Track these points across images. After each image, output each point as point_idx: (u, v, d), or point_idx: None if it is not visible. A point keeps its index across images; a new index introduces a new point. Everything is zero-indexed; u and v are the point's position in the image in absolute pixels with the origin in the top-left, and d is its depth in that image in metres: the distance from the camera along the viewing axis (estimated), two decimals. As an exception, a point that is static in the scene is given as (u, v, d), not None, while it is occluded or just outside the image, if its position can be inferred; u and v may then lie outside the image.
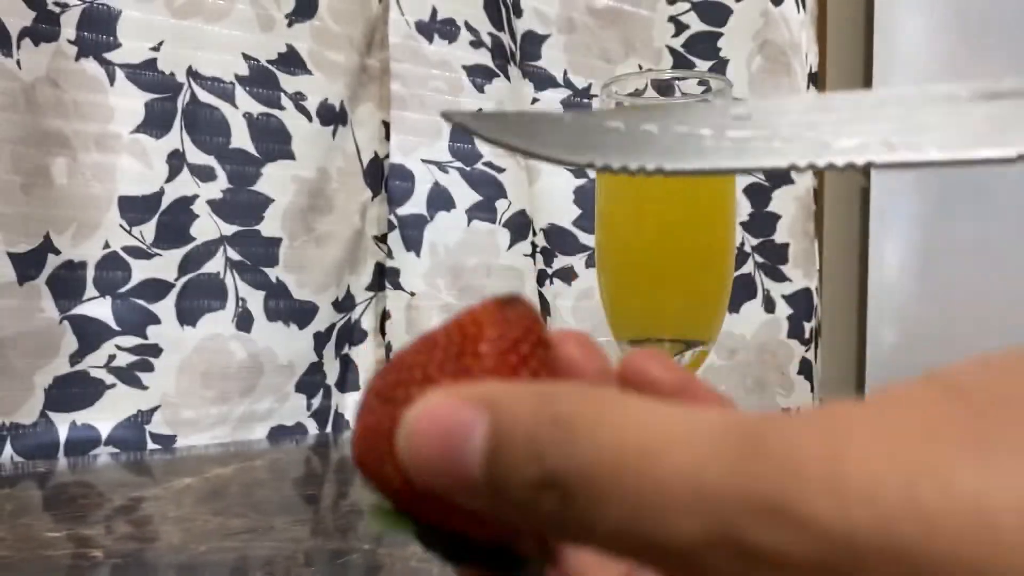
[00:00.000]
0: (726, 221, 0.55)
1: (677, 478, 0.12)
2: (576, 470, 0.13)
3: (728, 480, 0.12)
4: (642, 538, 0.12)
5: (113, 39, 0.77)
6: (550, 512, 0.13)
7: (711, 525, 0.12)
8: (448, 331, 0.19)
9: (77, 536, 0.53)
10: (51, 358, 0.75)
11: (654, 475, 0.12)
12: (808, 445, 0.12)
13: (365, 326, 0.94)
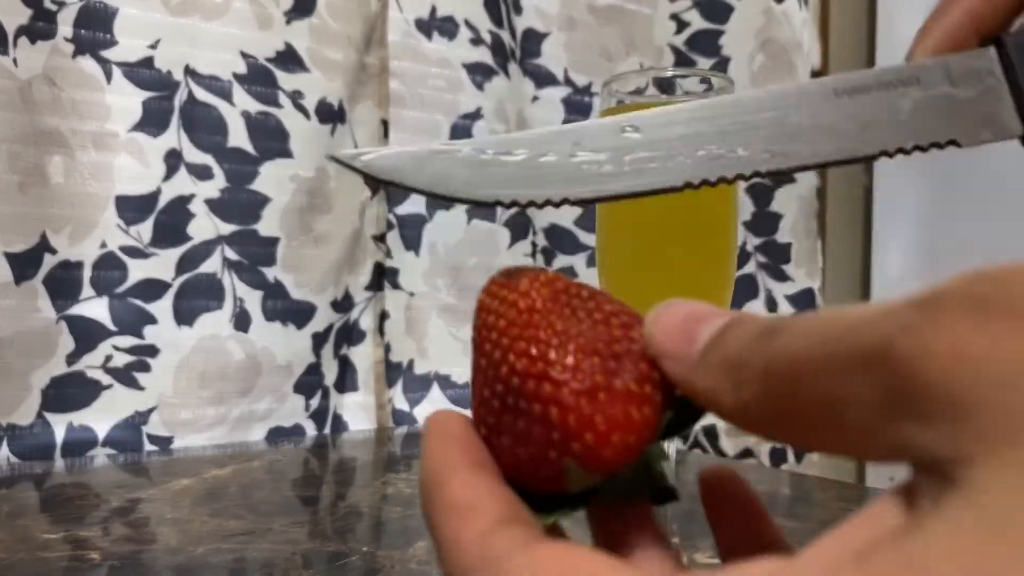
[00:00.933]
0: (728, 221, 0.55)
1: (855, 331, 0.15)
2: (791, 323, 0.16)
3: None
4: (824, 338, 0.15)
5: (110, 37, 0.77)
6: (753, 353, 0.17)
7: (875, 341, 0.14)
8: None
9: (74, 538, 0.52)
10: (48, 358, 0.74)
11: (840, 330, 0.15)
12: None
13: (364, 326, 0.94)
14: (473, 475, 0.19)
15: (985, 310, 0.13)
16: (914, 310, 0.14)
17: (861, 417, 0.14)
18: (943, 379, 0.13)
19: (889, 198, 1.19)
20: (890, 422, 0.14)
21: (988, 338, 0.13)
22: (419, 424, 0.93)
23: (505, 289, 0.21)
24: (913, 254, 1.17)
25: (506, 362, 0.20)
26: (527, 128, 1.01)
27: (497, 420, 0.20)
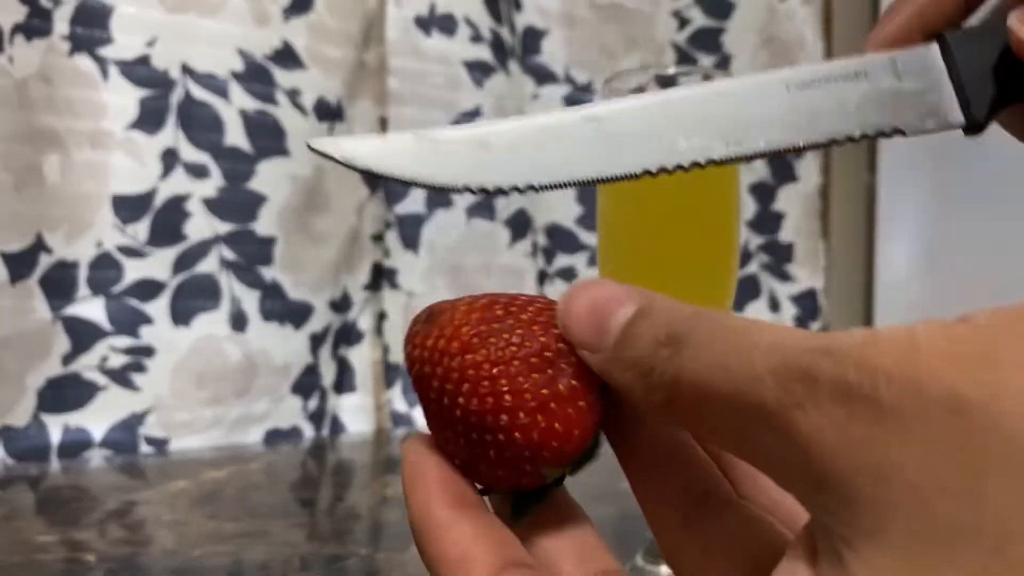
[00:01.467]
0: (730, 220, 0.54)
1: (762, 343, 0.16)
2: (695, 335, 0.17)
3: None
4: (726, 376, 0.16)
5: (106, 35, 0.76)
6: (661, 360, 0.18)
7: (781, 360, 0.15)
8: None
9: (70, 540, 0.52)
10: (43, 359, 0.74)
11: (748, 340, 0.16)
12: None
13: (362, 327, 0.93)
14: (456, 522, 0.20)
15: (855, 399, 0.14)
16: (800, 385, 0.15)
17: (768, 455, 0.16)
18: (829, 461, 0.14)
19: (892, 197, 1.18)
20: (792, 473, 0.15)
21: (860, 429, 0.13)
22: (418, 425, 0.93)
23: (427, 337, 0.22)
24: (917, 253, 1.17)
25: (457, 406, 0.21)
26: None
27: (468, 454, 0.21)
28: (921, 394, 0.13)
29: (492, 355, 0.21)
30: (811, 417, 0.14)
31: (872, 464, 0.13)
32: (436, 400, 0.21)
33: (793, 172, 1.15)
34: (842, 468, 0.14)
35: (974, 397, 0.12)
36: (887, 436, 0.13)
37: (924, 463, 0.13)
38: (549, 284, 1.01)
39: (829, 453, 0.14)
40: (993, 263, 1.06)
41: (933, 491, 0.13)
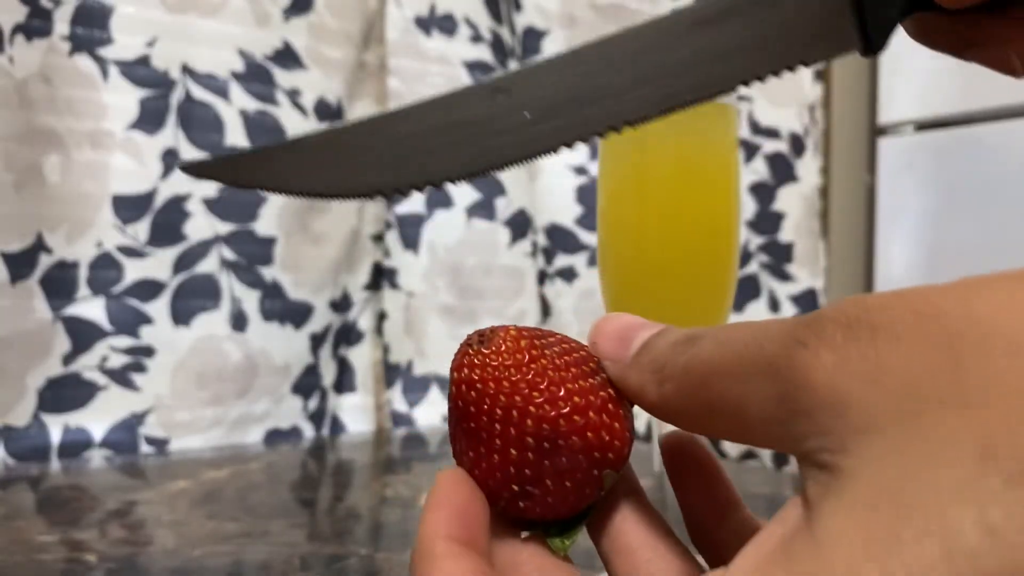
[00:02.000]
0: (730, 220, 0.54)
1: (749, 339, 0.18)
2: (709, 333, 0.20)
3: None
4: (735, 348, 0.18)
5: (106, 35, 0.76)
6: (675, 355, 0.20)
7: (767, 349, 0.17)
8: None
9: (70, 540, 0.52)
10: (44, 359, 0.74)
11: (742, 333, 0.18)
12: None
13: (362, 327, 0.93)
14: (455, 557, 0.20)
15: (854, 327, 0.15)
16: (803, 327, 0.17)
17: (761, 413, 0.17)
18: (825, 382, 0.16)
19: (892, 197, 1.18)
20: (784, 418, 0.17)
21: (856, 348, 0.15)
22: (418, 425, 0.93)
23: (487, 355, 0.22)
24: (916, 253, 1.17)
25: (529, 415, 0.21)
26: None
27: (534, 471, 0.22)
28: (914, 311, 0.15)
29: (552, 363, 0.22)
30: (813, 350, 0.16)
31: (868, 370, 0.15)
32: (501, 418, 0.22)
33: (793, 172, 1.15)
34: (839, 381, 0.15)
35: (952, 308, 0.14)
36: (879, 347, 0.15)
37: (912, 358, 0.14)
38: (549, 284, 1.01)
39: (826, 374, 0.16)
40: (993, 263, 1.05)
41: (920, 377, 0.14)
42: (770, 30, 0.27)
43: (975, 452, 0.13)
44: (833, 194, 1.22)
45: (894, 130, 1.20)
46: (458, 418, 0.23)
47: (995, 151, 1.07)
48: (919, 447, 0.14)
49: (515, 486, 0.22)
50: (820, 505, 0.15)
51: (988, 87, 1.08)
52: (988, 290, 0.14)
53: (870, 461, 0.14)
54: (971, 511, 0.13)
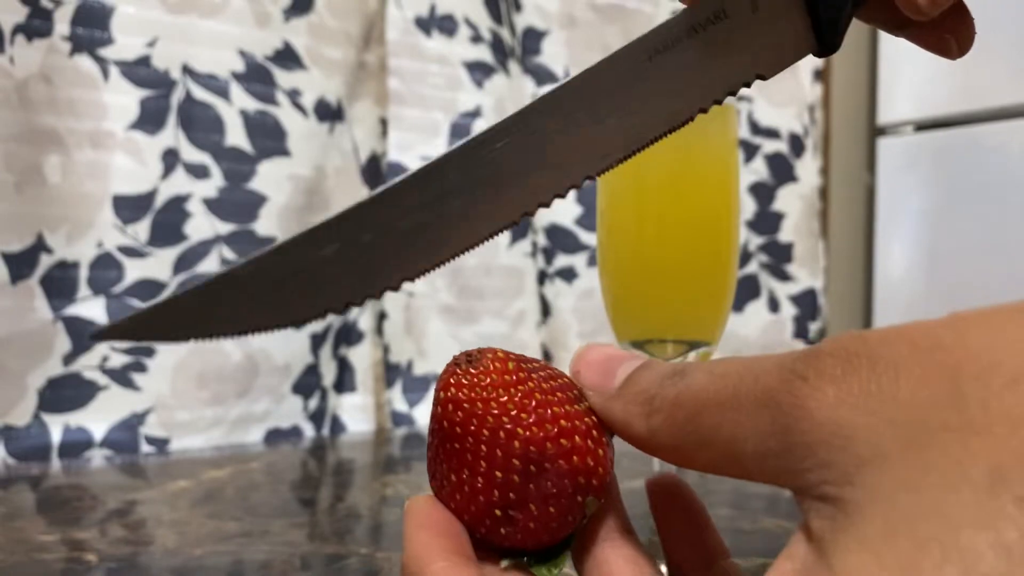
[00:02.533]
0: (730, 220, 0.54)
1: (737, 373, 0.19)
2: (699, 366, 0.20)
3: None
4: (730, 381, 0.18)
5: (107, 35, 0.76)
6: (665, 388, 0.20)
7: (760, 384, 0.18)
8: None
9: (71, 539, 0.52)
10: (44, 359, 0.74)
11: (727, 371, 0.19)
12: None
13: (362, 327, 0.93)
14: (452, 565, 0.21)
15: (853, 361, 0.16)
16: (801, 362, 0.17)
17: (757, 446, 0.17)
18: (828, 415, 0.16)
19: (892, 197, 1.18)
20: (782, 451, 0.17)
21: (857, 382, 0.15)
22: (418, 425, 0.93)
23: (475, 375, 0.22)
24: (916, 253, 1.17)
25: (516, 436, 0.21)
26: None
27: (519, 495, 0.22)
28: (912, 345, 0.15)
29: (539, 387, 0.22)
30: (812, 383, 0.16)
31: (870, 403, 0.15)
32: (488, 439, 0.21)
33: (793, 172, 1.15)
34: (841, 415, 0.15)
35: (949, 341, 0.15)
36: (880, 380, 0.15)
37: (914, 391, 0.15)
38: (549, 284, 1.01)
39: (828, 408, 0.16)
40: (992, 263, 1.06)
41: (923, 407, 0.14)
42: (724, 47, 0.26)
43: (985, 477, 0.13)
44: (833, 194, 1.22)
45: (894, 130, 1.20)
46: (442, 439, 0.22)
47: (995, 151, 1.08)
48: (928, 476, 0.14)
49: (498, 511, 0.22)
50: (833, 540, 0.15)
51: (988, 87, 1.08)
52: (983, 324, 0.15)
53: (879, 492, 0.14)
54: (987, 534, 0.13)
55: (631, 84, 0.26)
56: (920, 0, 0.24)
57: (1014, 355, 0.14)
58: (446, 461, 0.22)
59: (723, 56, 0.26)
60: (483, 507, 0.22)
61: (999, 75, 1.06)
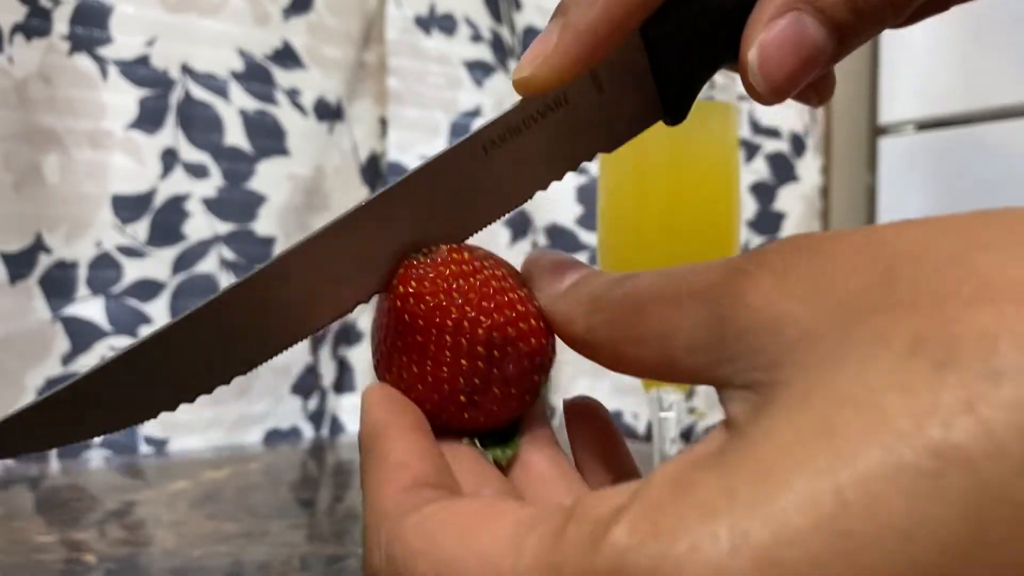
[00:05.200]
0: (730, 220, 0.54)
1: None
2: (645, 273, 0.21)
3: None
4: (674, 279, 0.19)
5: (106, 34, 0.76)
6: (611, 290, 0.21)
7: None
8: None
9: (70, 540, 0.52)
10: (43, 359, 0.74)
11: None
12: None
13: (362, 327, 0.93)
14: (410, 434, 0.21)
15: (795, 254, 0.16)
16: (746, 258, 0.17)
17: (689, 341, 0.18)
18: (763, 302, 0.16)
19: (892, 197, 1.18)
20: (713, 344, 0.17)
21: (795, 271, 0.16)
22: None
23: (435, 267, 0.23)
24: (916, 253, 1.16)
25: (481, 325, 0.22)
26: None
27: (484, 379, 0.23)
28: (852, 238, 0.16)
29: (493, 274, 0.23)
30: (753, 276, 0.17)
31: (805, 290, 0.16)
32: (452, 328, 0.22)
33: (793, 172, 1.15)
34: (776, 301, 0.16)
35: (891, 235, 0.16)
36: (820, 269, 0.16)
37: (849, 276, 0.15)
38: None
39: (764, 295, 0.16)
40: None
41: (856, 291, 0.15)
42: (565, 131, 0.25)
43: (906, 346, 0.13)
44: (834, 194, 1.22)
45: (895, 130, 1.20)
46: (402, 332, 0.23)
47: (996, 151, 1.07)
48: (851, 350, 0.14)
49: (463, 396, 0.23)
50: (752, 418, 0.15)
51: (989, 87, 1.08)
52: (926, 225, 0.16)
53: (804, 369, 0.15)
54: (900, 395, 0.13)
55: (464, 178, 0.25)
56: (764, 91, 0.23)
57: (949, 244, 0.15)
58: (406, 354, 0.23)
59: (564, 140, 0.25)
60: (448, 394, 0.23)
61: (1001, 74, 1.06)
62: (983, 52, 1.07)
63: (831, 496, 0.13)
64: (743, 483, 0.14)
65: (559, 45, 0.21)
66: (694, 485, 0.14)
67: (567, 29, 0.21)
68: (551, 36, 0.22)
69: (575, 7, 0.21)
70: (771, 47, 0.22)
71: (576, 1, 0.21)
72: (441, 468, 0.21)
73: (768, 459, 0.14)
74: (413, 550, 0.17)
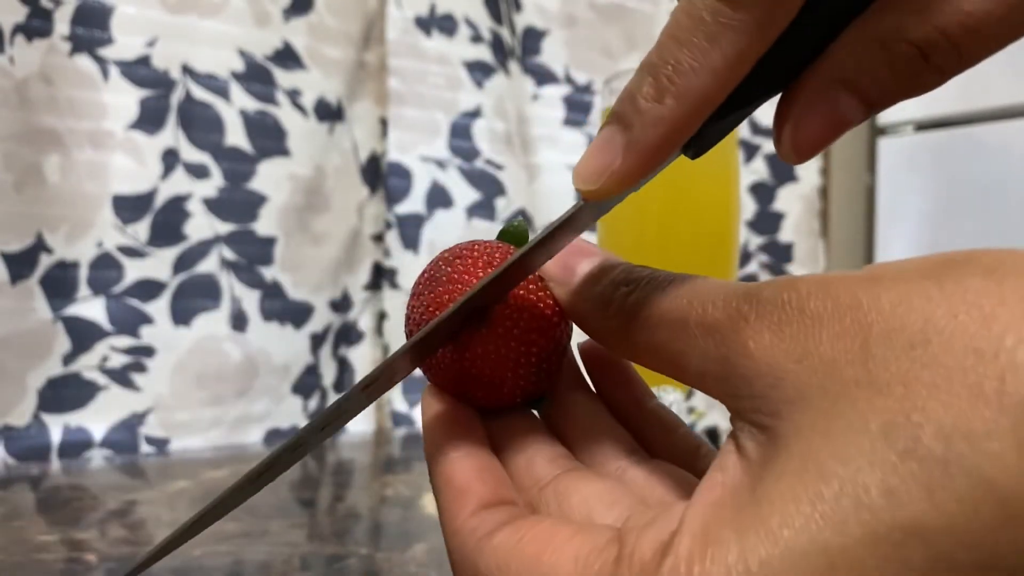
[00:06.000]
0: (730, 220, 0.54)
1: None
2: (652, 279, 0.23)
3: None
4: (682, 304, 0.22)
5: (107, 35, 0.76)
6: (619, 295, 0.24)
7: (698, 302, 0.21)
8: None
9: (71, 540, 0.52)
10: (44, 359, 0.74)
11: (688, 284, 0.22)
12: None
13: (362, 326, 0.93)
14: (467, 455, 0.25)
15: (786, 309, 0.19)
16: (745, 302, 0.20)
17: (700, 366, 0.21)
18: (764, 356, 0.19)
19: (892, 197, 1.18)
20: (723, 376, 0.20)
21: (788, 331, 0.18)
22: (418, 426, 0.93)
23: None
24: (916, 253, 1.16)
25: (540, 332, 0.26)
26: (526, 127, 1.00)
27: (540, 376, 0.27)
28: (835, 301, 0.18)
29: (528, 302, 0.27)
30: (753, 325, 0.19)
31: (798, 351, 0.18)
32: (511, 367, 0.26)
33: (793, 172, 1.15)
34: (775, 358, 0.18)
35: (865, 300, 0.18)
36: (808, 331, 0.18)
37: (833, 345, 0.18)
38: (549, 284, 1.01)
39: (764, 350, 0.19)
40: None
41: (839, 361, 0.17)
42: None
43: (880, 429, 0.16)
44: (833, 194, 1.22)
45: (894, 130, 1.20)
46: (463, 379, 0.26)
47: (995, 151, 1.07)
48: (838, 422, 0.17)
49: (519, 398, 0.27)
50: (760, 466, 0.18)
51: (989, 87, 1.08)
52: (895, 287, 0.17)
53: (800, 430, 0.17)
54: (875, 475, 0.16)
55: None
56: (790, 160, 0.24)
57: (915, 321, 0.17)
58: (469, 389, 0.27)
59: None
60: (508, 401, 0.27)
61: (1000, 75, 1.06)
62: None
63: (823, 559, 0.16)
64: (754, 548, 0.17)
65: (625, 163, 0.22)
66: (718, 545, 0.18)
67: (632, 149, 0.22)
68: (614, 151, 0.22)
69: (640, 126, 0.22)
70: (807, 131, 0.23)
71: (639, 117, 0.22)
72: (500, 483, 0.24)
73: (774, 525, 0.17)
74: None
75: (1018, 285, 0.16)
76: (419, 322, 0.27)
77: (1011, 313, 0.16)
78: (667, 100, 0.21)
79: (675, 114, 0.21)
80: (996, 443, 0.15)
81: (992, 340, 0.16)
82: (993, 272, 0.17)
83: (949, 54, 0.22)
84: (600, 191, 0.23)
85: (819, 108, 0.23)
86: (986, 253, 0.17)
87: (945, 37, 0.21)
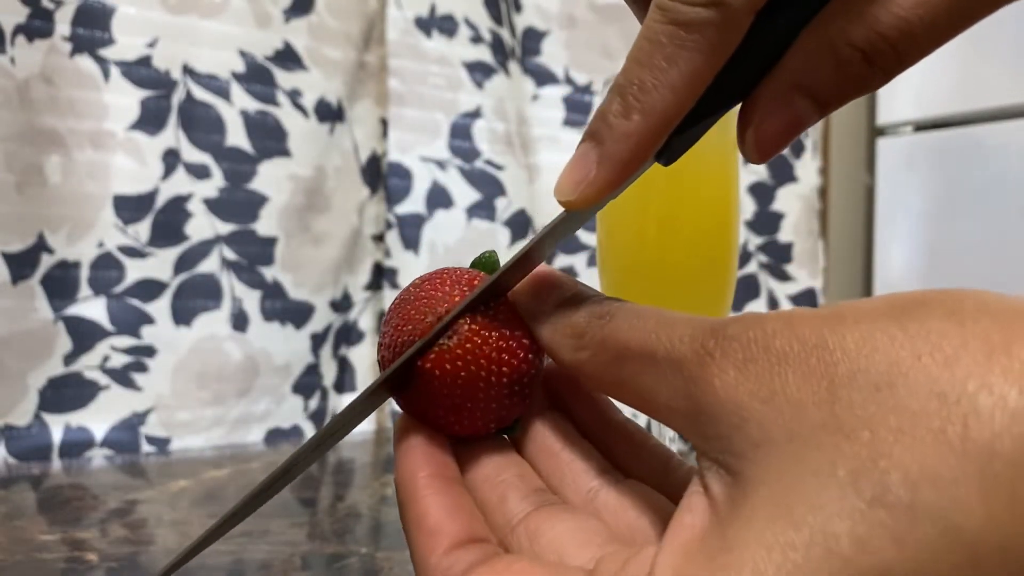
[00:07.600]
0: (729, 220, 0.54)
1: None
2: (624, 311, 0.23)
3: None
4: (650, 339, 0.22)
5: (108, 35, 0.76)
6: (592, 327, 0.24)
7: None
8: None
9: (71, 539, 0.52)
10: (45, 359, 0.74)
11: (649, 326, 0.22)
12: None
13: (363, 326, 0.94)
14: (439, 493, 0.24)
15: (752, 348, 0.19)
16: (711, 338, 0.20)
17: (668, 400, 0.21)
18: (729, 395, 0.19)
19: (891, 197, 1.19)
20: (689, 412, 0.20)
21: (754, 369, 0.19)
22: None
23: (458, 348, 0.26)
24: (915, 253, 1.17)
25: (506, 376, 0.26)
26: (526, 127, 1.00)
27: (509, 410, 0.27)
28: (801, 341, 0.18)
29: (507, 320, 0.27)
30: (718, 363, 0.19)
31: (764, 391, 0.18)
32: (483, 384, 0.26)
33: (792, 173, 1.15)
34: (740, 397, 0.18)
35: (831, 340, 0.18)
36: (774, 370, 0.18)
37: (799, 386, 0.18)
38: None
39: (729, 388, 0.19)
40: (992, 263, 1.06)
41: (806, 403, 0.17)
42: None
43: (848, 476, 0.16)
44: (832, 194, 1.22)
45: (893, 130, 1.20)
46: (432, 397, 0.26)
47: (994, 151, 1.08)
48: (806, 467, 0.17)
49: (493, 424, 0.27)
50: (728, 510, 0.18)
51: (987, 87, 1.08)
52: (859, 327, 0.18)
53: (767, 474, 0.18)
54: (845, 524, 0.16)
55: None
56: (754, 160, 0.25)
57: (879, 362, 0.17)
58: (441, 405, 0.26)
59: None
60: (479, 429, 0.27)
61: (999, 75, 1.06)
62: (981, 54, 1.07)
63: None
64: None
65: (598, 175, 0.24)
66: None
67: (604, 162, 0.24)
68: (588, 164, 0.24)
69: (611, 140, 0.23)
70: (767, 133, 0.24)
71: (610, 132, 0.23)
72: (472, 520, 0.24)
73: (743, 567, 0.17)
74: None
75: (978, 328, 0.16)
76: (389, 345, 0.26)
77: (972, 357, 0.16)
78: (634, 116, 0.22)
79: (641, 128, 0.23)
80: (962, 489, 0.15)
81: (955, 384, 0.16)
82: (954, 314, 0.17)
83: (888, 56, 0.23)
84: (578, 201, 0.24)
85: (777, 112, 0.24)
86: (948, 294, 0.17)
87: (884, 40, 0.22)
